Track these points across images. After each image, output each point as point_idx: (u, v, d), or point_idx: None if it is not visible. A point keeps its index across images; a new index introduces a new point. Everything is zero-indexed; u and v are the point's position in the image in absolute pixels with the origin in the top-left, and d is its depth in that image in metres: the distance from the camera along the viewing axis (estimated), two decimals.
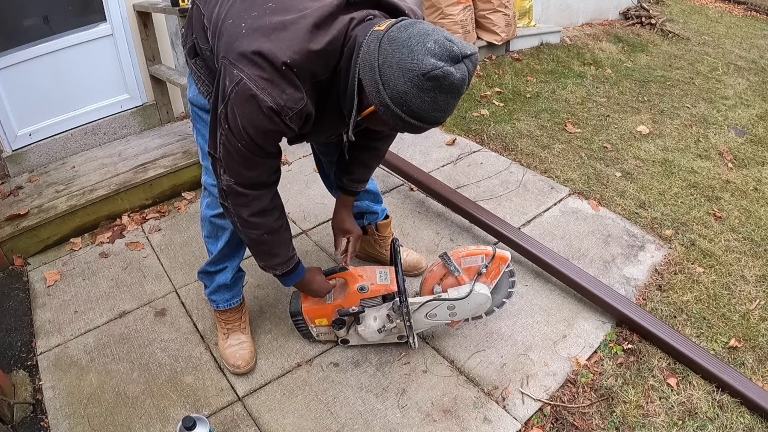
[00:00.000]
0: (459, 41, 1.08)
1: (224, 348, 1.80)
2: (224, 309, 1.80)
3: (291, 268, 1.53)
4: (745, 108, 3.83)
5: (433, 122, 1.13)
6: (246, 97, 1.13)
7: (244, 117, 1.16)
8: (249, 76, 1.11)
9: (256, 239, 1.41)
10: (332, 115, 1.30)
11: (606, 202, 2.59)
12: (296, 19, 1.13)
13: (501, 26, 4.21)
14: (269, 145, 1.25)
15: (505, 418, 1.63)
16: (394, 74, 1.07)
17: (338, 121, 1.31)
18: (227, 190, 1.30)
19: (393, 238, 1.89)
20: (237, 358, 1.76)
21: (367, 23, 1.18)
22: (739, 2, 7.52)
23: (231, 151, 1.23)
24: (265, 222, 1.38)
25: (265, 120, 1.15)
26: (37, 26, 2.69)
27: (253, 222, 1.36)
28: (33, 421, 1.67)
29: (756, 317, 1.98)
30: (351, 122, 1.21)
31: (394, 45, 1.07)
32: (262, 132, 1.19)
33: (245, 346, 1.79)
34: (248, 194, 1.31)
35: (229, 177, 1.28)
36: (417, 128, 1.14)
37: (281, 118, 1.16)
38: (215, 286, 1.76)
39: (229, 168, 1.27)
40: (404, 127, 1.15)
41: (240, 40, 1.14)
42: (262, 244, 1.43)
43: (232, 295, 1.80)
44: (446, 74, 1.04)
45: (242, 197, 1.32)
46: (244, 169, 1.27)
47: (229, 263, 1.73)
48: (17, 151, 2.76)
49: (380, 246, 2.12)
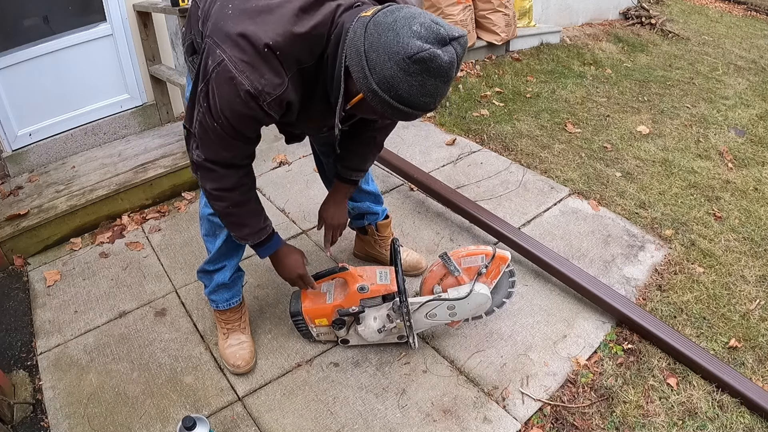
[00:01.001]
0: (446, 24, 1.06)
1: (224, 348, 1.80)
2: (224, 309, 1.81)
3: (263, 239, 1.52)
4: (745, 108, 3.83)
5: (422, 108, 1.11)
6: (225, 78, 1.14)
7: (222, 99, 1.17)
8: (230, 58, 1.12)
9: (221, 211, 1.44)
10: (320, 103, 1.29)
11: (606, 202, 2.59)
12: (282, 3, 1.14)
13: (501, 26, 4.21)
14: (246, 129, 1.25)
15: (505, 418, 1.63)
16: (380, 59, 1.05)
17: (327, 110, 1.29)
18: (197, 163, 1.33)
19: (393, 238, 1.89)
20: (237, 358, 1.76)
21: (355, 10, 1.18)
22: (739, 2, 7.52)
23: (206, 129, 1.25)
24: (231, 196, 1.39)
25: (242, 104, 1.16)
26: (37, 26, 2.69)
27: (219, 195, 1.38)
28: (33, 421, 1.67)
29: (756, 317, 1.98)
30: (338, 110, 1.20)
31: (380, 29, 1.06)
32: (239, 115, 1.19)
33: (245, 346, 1.79)
34: (217, 171, 1.33)
35: (201, 153, 1.30)
36: (406, 114, 1.12)
37: (258, 103, 1.15)
38: (214, 285, 1.76)
39: (202, 144, 1.29)
40: (393, 114, 1.12)
41: (226, 21, 1.15)
42: (230, 215, 1.45)
43: (231, 295, 1.80)
44: (433, 56, 1.02)
45: (211, 173, 1.34)
46: (218, 148, 1.29)
47: (228, 262, 1.74)
48: (17, 151, 2.76)
49: (380, 246, 2.11)
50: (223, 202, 1.40)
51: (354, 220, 2.09)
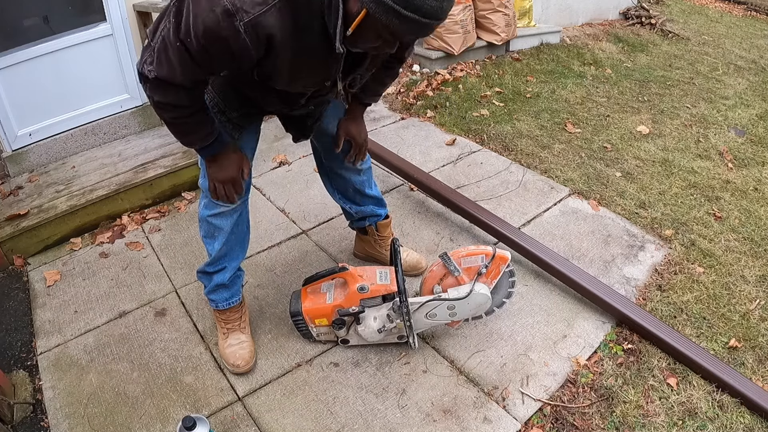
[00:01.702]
0: None
1: (224, 348, 1.80)
2: (223, 308, 1.80)
3: (209, 143, 1.42)
4: (745, 108, 3.83)
5: (430, 12, 1.05)
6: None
7: (196, 16, 1.10)
8: None
9: (166, 120, 1.34)
10: (317, 39, 1.20)
11: (606, 202, 2.59)
12: None
13: (501, 26, 4.21)
14: (214, 57, 1.16)
15: (505, 418, 1.63)
16: None
17: (323, 50, 1.22)
18: (146, 76, 1.23)
19: (393, 238, 1.89)
20: (237, 357, 1.76)
21: None
22: (739, 2, 7.52)
23: (168, 46, 1.17)
24: (178, 110, 1.31)
25: (215, 22, 1.08)
26: (37, 26, 2.69)
27: (165, 106, 1.29)
28: (33, 421, 1.67)
29: (756, 317, 1.98)
30: (338, 34, 1.13)
31: None
32: (210, 36, 1.11)
33: (245, 345, 1.79)
34: (166, 88, 1.24)
35: (154, 69, 1.21)
36: (414, 23, 1.06)
37: (234, 23, 1.08)
38: (213, 286, 1.76)
39: (158, 61, 1.20)
40: (401, 24, 1.06)
41: None
42: (175, 125, 1.36)
43: (230, 294, 1.80)
44: None
45: (158, 88, 1.24)
46: (174, 70, 1.19)
47: (228, 264, 1.73)
48: (17, 151, 2.76)
49: (380, 246, 2.11)
50: (169, 113, 1.31)
51: (355, 222, 2.08)
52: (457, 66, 4.13)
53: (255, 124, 1.64)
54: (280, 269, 2.21)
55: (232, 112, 1.52)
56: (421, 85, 3.81)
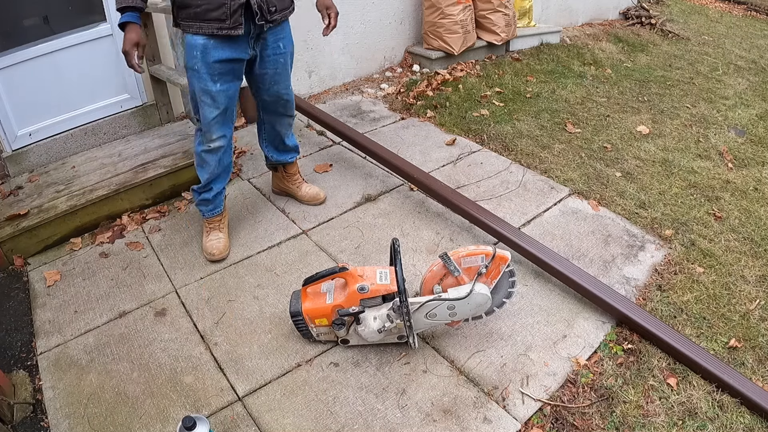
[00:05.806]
0: None
1: (205, 242, 2.28)
2: (208, 217, 2.28)
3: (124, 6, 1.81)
4: (745, 108, 3.83)
5: None
6: None
7: None
8: None
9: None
10: None
11: (606, 202, 2.59)
12: None
13: (501, 26, 4.21)
14: None
15: (505, 418, 1.63)
16: None
17: None
18: None
19: (393, 238, 1.89)
20: (213, 248, 2.24)
21: None
22: (739, 2, 7.52)
23: None
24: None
25: None
26: (37, 26, 2.69)
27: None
28: (33, 421, 1.67)
29: (756, 317, 1.98)
30: None
31: None
32: None
33: (221, 240, 2.27)
34: None
35: None
36: None
37: None
38: (201, 200, 2.23)
39: None
40: None
41: None
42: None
43: (214, 207, 2.26)
44: None
45: None
46: None
47: (214, 186, 2.20)
48: (17, 151, 2.76)
49: (287, 181, 2.57)
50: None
51: (270, 163, 2.55)
52: (457, 66, 4.13)
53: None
54: (280, 269, 2.21)
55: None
56: (421, 85, 3.81)
